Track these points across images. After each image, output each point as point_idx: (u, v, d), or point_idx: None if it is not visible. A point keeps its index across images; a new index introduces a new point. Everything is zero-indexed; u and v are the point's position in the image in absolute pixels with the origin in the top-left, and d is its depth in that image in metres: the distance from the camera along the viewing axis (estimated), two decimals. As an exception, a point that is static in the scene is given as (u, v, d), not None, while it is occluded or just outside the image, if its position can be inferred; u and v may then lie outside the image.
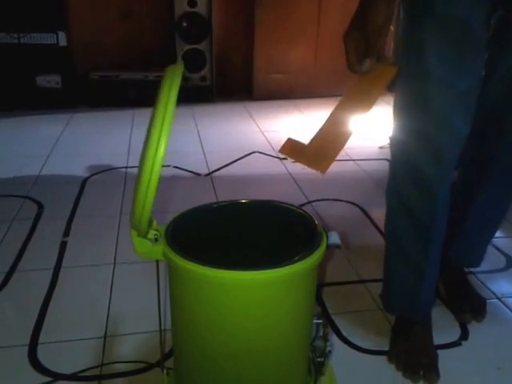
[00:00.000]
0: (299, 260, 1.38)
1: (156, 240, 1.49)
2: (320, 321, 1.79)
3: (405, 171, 1.80)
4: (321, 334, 1.72)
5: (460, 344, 2.04)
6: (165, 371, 1.77)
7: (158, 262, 1.56)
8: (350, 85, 1.68)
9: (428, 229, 1.79)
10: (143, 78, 5.37)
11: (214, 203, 1.73)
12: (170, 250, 1.41)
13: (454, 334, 2.10)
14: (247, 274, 1.35)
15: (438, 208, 1.75)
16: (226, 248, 1.70)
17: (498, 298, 2.33)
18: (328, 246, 1.52)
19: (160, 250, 1.46)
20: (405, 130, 1.75)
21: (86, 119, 5.07)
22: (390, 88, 1.62)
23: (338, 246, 1.58)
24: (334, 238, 1.59)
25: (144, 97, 5.30)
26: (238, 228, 1.68)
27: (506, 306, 2.28)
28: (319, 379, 1.73)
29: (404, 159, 1.78)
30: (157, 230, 1.50)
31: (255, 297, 1.41)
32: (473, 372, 1.91)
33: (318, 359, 1.70)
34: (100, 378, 1.84)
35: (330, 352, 1.73)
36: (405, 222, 1.83)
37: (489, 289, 2.40)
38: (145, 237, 1.47)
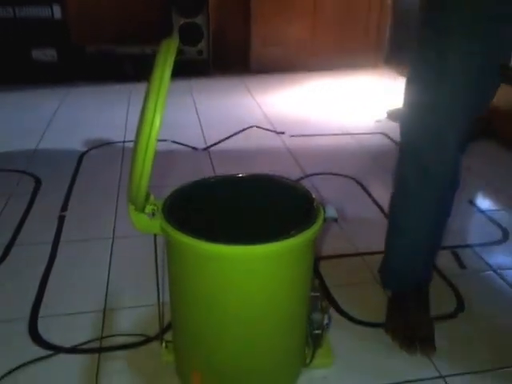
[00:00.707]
0: (296, 234, 1.39)
1: (153, 214, 1.49)
2: (317, 294, 1.81)
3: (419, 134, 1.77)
4: (318, 307, 1.74)
5: (456, 316, 2.07)
6: (163, 344, 1.80)
7: (155, 236, 1.58)
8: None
9: (437, 176, 1.81)
10: (140, 51, 5.32)
11: (212, 177, 1.73)
12: (167, 225, 1.42)
13: (450, 306, 2.12)
14: (244, 249, 1.36)
15: (448, 156, 1.77)
16: (224, 222, 1.71)
17: (494, 271, 2.35)
18: (325, 220, 1.54)
19: (158, 224, 1.47)
20: (418, 99, 1.72)
21: (83, 94, 5.04)
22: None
23: (334, 220, 1.59)
24: (331, 211, 1.60)
25: (141, 71, 5.24)
26: (236, 202, 1.69)
27: (502, 278, 2.29)
28: (316, 351, 1.75)
29: (417, 125, 1.75)
30: (154, 205, 1.51)
31: (252, 271, 1.42)
32: (469, 344, 1.93)
33: (316, 331, 1.72)
34: (100, 350, 1.85)
35: (327, 325, 1.75)
36: (412, 168, 1.86)
37: (485, 261, 2.41)
38: (142, 211, 1.48)
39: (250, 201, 1.67)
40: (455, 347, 1.91)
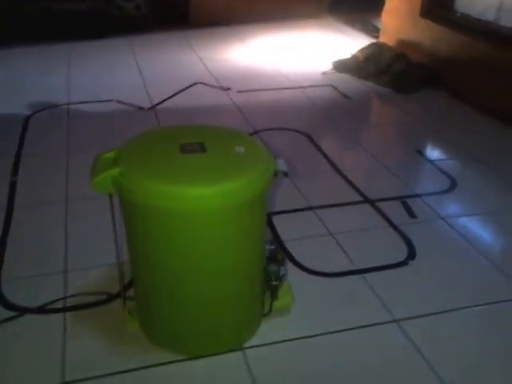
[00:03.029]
0: (249, 184, 1.39)
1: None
2: (273, 247, 1.82)
3: None
4: (274, 259, 1.76)
5: (407, 263, 2.12)
6: (126, 311, 1.80)
7: (111, 195, 1.54)
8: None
9: None
10: (75, 9, 5.07)
11: (165, 127, 1.70)
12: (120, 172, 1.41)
13: (402, 254, 2.17)
14: (198, 190, 1.35)
15: None
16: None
17: (443, 219, 2.41)
18: (276, 173, 1.52)
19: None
20: None
21: (20, 56, 4.75)
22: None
23: (285, 174, 1.58)
24: (281, 165, 1.58)
25: (79, 29, 5.05)
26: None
27: (451, 226, 2.36)
28: (274, 302, 1.78)
29: None
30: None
31: (205, 220, 1.42)
32: (420, 288, 1.98)
33: (273, 283, 1.75)
34: (65, 310, 1.86)
35: (283, 276, 1.77)
36: None
37: (434, 210, 2.47)
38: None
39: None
40: (407, 292, 1.96)
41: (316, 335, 1.76)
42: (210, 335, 1.69)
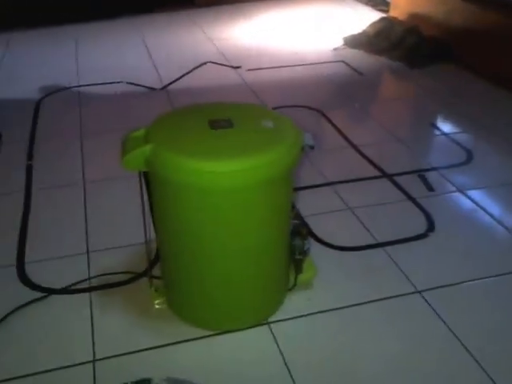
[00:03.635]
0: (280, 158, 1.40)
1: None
2: (296, 221, 1.83)
3: None
4: (298, 233, 1.76)
5: (427, 236, 2.12)
6: (152, 288, 1.82)
7: (141, 174, 1.57)
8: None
9: None
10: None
11: (192, 105, 1.70)
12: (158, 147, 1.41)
13: (422, 227, 2.17)
14: (230, 165, 1.36)
15: None
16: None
17: (460, 191, 2.40)
18: (303, 147, 1.53)
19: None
20: None
21: (26, 40, 4.73)
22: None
23: (311, 147, 1.58)
24: (308, 138, 1.59)
25: (84, 11, 5.02)
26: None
27: (469, 198, 2.35)
28: (298, 275, 1.79)
29: None
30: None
31: (237, 195, 1.42)
32: (441, 260, 1.99)
33: (297, 257, 1.75)
34: (91, 289, 1.88)
35: (308, 250, 1.78)
36: None
37: (451, 183, 2.46)
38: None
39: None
40: (428, 264, 1.97)
41: (340, 308, 1.78)
42: (237, 311, 1.71)
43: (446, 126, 3.06)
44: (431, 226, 2.17)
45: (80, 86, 3.64)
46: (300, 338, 1.68)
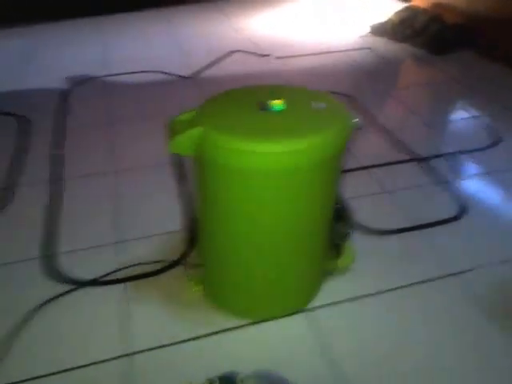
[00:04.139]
0: (332, 139, 1.40)
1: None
2: (338, 205, 1.89)
3: None
4: (340, 218, 1.83)
5: (461, 218, 2.19)
6: (189, 277, 1.83)
7: (191, 158, 1.53)
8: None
9: None
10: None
11: (240, 88, 1.69)
12: (210, 130, 1.40)
13: (454, 209, 2.24)
14: (283, 146, 1.34)
15: None
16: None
17: (490, 174, 2.47)
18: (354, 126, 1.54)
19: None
20: None
21: (52, 31, 4.84)
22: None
23: (360, 128, 1.62)
24: (357, 119, 1.61)
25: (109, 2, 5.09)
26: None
27: (499, 181, 2.42)
28: (338, 259, 1.85)
29: None
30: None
31: (290, 177, 1.41)
32: (476, 243, 2.06)
33: (339, 242, 1.82)
34: (124, 280, 1.88)
35: (348, 234, 1.85)
36: None
37: (481, 166, 2.54)
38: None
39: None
40: (464, 246, 2.04)
41: (380, 292, 1.83)
42: (279, 297, 1.72)
43: (472, 110, 3.11)
44: (464, 209, 2.24)
45: (108, 75, 3.72)
46: (341, 324, 1.72)
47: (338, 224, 1.82)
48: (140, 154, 2.63)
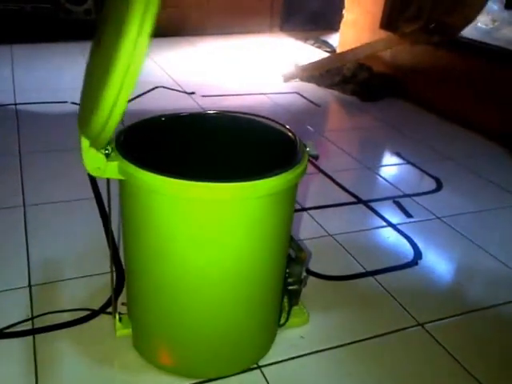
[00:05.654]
0: (282, 172, 1.18)
1: (107, 156, 1.22)
2: (293, 244, 1.61)
3: None
4: (296, 259, 1.53)
5: (417, 264, 1.99)
6: (117, 317, 1.52)
7: (108, 181, 1.31)
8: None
9: None
10: (18, 8, 4.75)
11: (168, 115, 1.50)
12: (131, 164, 1.17)
13: (409, 254, 2.04)
14: (225, 186, 1.12)
15: None
16: (193, 162, 1.48)
17: (438, 217, 2.31)
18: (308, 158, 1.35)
19: (115, 166, 1.21)
20: None
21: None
22: None
23: (315, 157, 1.42)
24: (312, 148, 1.43)
25: (21, 31, 4.73)
26: (206, 140, 1.45)
27: (447, 224, 2.26)
28: (292, 310, 1.56)
29: None
30: (111, 144, 1.25)
31: (234, 213, 1.19)
32: (437, 289, 1.87)
33: (293, 287, 1.52)
34: (33, 332, 1.53)
35: (305, 278, 1.57)
36: None
37: (427, 209, 2.37)
38: (100, 149, 1.21)
39: (221, 140, 1.44)
40: (427, 294, 1.83)
41: (337, 346, 1.57)
42: (225, 353, 1.42)
43: (410, 155, 2.98)
44: (418, 253, 2.04)
45: (16, 103, 3.36)
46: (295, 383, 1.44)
47: (295, 266, 1.51)
48: (52, 188, 2.31)
